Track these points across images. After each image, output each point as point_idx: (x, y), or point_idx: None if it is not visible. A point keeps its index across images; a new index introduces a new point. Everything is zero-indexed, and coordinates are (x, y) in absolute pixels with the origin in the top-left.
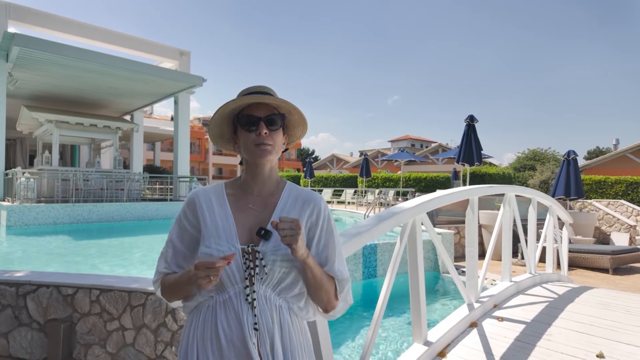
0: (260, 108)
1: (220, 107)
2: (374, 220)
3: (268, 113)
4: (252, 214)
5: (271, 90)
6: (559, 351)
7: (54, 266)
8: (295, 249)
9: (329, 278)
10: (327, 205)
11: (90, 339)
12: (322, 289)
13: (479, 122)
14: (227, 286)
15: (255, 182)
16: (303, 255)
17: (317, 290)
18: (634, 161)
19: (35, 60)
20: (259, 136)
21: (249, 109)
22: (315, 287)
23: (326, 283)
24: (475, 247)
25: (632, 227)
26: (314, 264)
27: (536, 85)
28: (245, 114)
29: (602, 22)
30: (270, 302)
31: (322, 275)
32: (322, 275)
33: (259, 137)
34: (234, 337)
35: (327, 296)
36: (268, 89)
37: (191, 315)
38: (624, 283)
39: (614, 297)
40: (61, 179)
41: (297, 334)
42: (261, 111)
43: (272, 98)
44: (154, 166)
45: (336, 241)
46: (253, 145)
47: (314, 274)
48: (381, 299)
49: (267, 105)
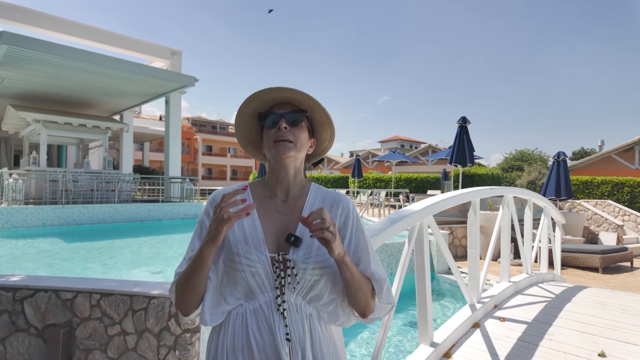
0: (282, 107)
1: (242, 104)
2: (386, 222)
3: (289, 110)
4: (278, 219)
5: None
6: (562, 350)
7: (44, 270)
8: (332, 248)
9: (366, 279)
10: (355, 206)
11: (90, 344)
12: (361, 290)
13: (471, 123)
14: (257, 294)
15: (279, 186)
16: (340, 253)
17: (356, 292)
18: (619, 162)
19: (23, 59)
20: (278, 131)
21: (271, 108)
22: (354, 288)
23: (364, 284)
24: (477, 248)
25: (620, 227)
26: (351, 263)
27: (524, 87)
28: (266, 112)
29: (588, 25)
30: (301, 311)
31: (360, 275)
32: (360, 275)
33: (278, 132)
34: (266, 347)
35: (365, 298)
36: (291, 88)
37: (219, 324)
38: (614, 282)
39: (609, 296)
40: (50, 180)
41: (327, 342)
42: (283, 109)
43: (292, 90)
44: (143, 166)
45: (367, 241)
46: (273, 141)
47: (353, 273)
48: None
49: (290, 104)
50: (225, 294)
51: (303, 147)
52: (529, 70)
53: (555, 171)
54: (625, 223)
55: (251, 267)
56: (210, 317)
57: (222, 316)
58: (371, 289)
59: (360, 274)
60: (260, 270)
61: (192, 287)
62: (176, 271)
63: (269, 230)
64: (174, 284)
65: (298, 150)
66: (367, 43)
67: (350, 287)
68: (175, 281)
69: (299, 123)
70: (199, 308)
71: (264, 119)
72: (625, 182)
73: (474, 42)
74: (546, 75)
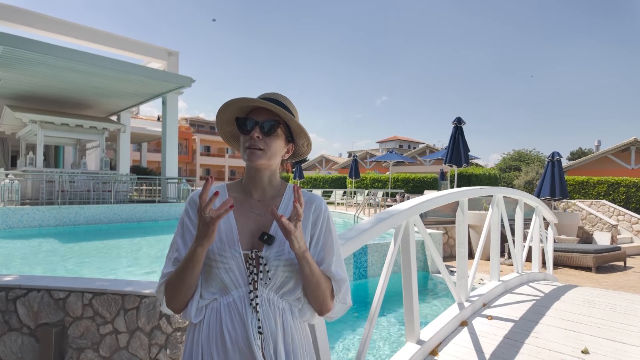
0: (261, 113)
1: (220, 108)
2: (372, 221)
3: (266, 118)
4: (253, 219)
5: (284, 98)
6: (546, 348)
7: (39, 270)
8: (292, 239)
9: (326, 278)
10: (328, 207)
11: (82, 343)
12: (319, 287)
13: (466, 123)
14: (231, 289)
15: (255, 187)
16: (302, 248)
17: (314, 289)
18: (615, 162)
19: (19, 60)
20: (251, 139)
21: (251, 113)
22: (312, 284)
23: (323, 282)
24: (465, 247)
25: (614, 227)
26: (312, 260)
27: (522, 87)
28: (244, 117)
29: (586, 26)
30: (273, 305)
31: (320, 273)
32: (320, 273)
33: (251, 140)
34: (239, 339)
35: (323, 296)
36: (280, 96)
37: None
38: (606, 281)
39: (599, 295)
40: (46, 180)
41: (299, 335)
42: (261, 116)
43: (267, 103)
44: (140, 167)
45: (334, 242)
46: (245, 147)
47: (312, 269)
48: (376, 298)
49: (268, 111)
50: (201, 290)
51: (275, 154)
52: (528, 70)
53: (550, 171)
54: (620, 223)
55: (225, 264)
56: (195, 313)
57: (202, 311)
58: (331, 289)
59: (321, 273)
60: (233, 267)
61: (186, 286)
62: (163, 272)
63: (243, 229)
64: (163, 284)
65: (269, 158)
66: (367, 43)
67: (309, 283)
68: (164, 281)
69: (274, 131)
70: None
71: (240, 125)
72: (620, 182)
73: (472, 42)
74: (546, 76)
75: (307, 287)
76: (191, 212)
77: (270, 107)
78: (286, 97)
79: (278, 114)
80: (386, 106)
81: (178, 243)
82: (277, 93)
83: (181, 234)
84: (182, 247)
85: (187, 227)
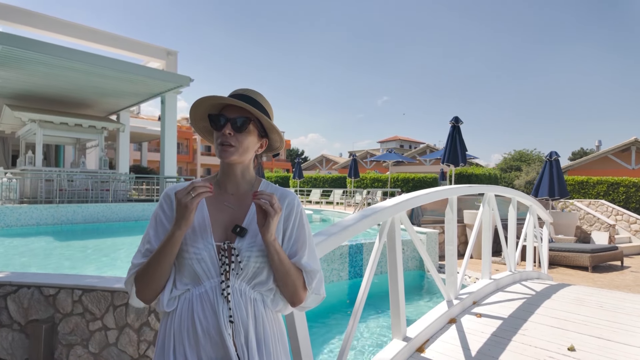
0: (233, 110)
1: (194, 103)
2: (356, 217)
3: (237, 115)
4: (227, 212)
5: (257, 94)
6: (532, 345)
7: (34, 268)
8: (269, 223)
9: (297, 269)
10: (300, 202)
11: (72, 339)
12: (289, 277)
13: (465, 123)
14: (203, 280)
15: (228, 181)
16: (271, 236)
17: (283, 278)
18: (615, 162)
19: (18, 59)
20: (223, 136)
21: (223, 110)
22: (282, 273)
23: (293, 273)
24: (454, 245)
25: (612, 226)
26: (281, 249)
27: (524, 87)
28: (216, 114)
29: (584, 26)
30: (245, 295)
31: (290, 264)
32: (290, 264)
33: (223, 137)
34: (210, 328)
35: (294, 287)
36: (253, 92)
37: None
38: (602, 280)
39: (590, 293)
40: (45, 179)
41: (271, 325)
42: (232, 113)
43: (236, 101)
44: (141, 166)
45: (307, 236)
46: (217, 144)
47: (281, 259)
48: (361, 292)
49: (240, 108)
50: (175, 280)
51: (247, 150)
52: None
53: (547, 171)
54: (618, 223)
55: (197, 255)
56: (167, 303)
57: (175, 301)
58: (302, 280)
59: (291, 263)
60: (206, 257)
61: (160, 273)
62: (133, 262)
63: (217, 221)
64: (133, 275)
65: (241, 154)
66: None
67: (278, 272)
68: (135, 272)
69: (246, 128)
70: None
71: (212, 121)
72: (620, 182)
73: (474, 43)
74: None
75: (277, 276)
76: (165, 206)
77: (240, 105)
78: (259, 93)
79: (248, 110)
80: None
81: (150, 235)
82: (250, 89)
83: (154, 227)
84: (154, 239)
85: (161, 221)
